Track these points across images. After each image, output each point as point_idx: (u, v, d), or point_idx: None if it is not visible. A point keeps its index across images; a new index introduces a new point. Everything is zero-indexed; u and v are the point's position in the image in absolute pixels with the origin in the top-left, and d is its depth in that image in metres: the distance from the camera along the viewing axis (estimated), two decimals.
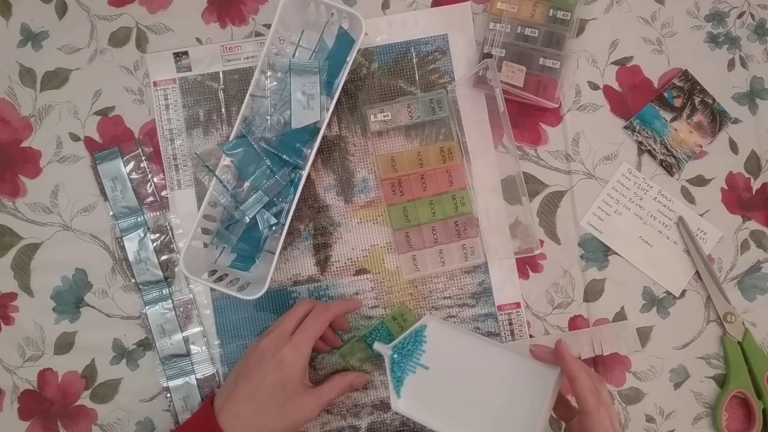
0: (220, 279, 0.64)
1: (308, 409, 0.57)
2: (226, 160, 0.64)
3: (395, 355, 0.60)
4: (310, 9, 0.66)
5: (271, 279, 0.61)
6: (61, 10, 0.70)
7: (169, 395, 0.66)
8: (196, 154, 0.68)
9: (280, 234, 0.63)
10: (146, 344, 0.67)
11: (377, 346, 0.61)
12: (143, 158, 0.68)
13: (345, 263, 0.68)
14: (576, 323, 0.67)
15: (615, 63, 0.70)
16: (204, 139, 0.69)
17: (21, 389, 0.67)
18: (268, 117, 0.64)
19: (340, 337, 0.66)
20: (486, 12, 0.69)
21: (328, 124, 0.66)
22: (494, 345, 0.60)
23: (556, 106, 0.68)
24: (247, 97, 0.64)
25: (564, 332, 0.67)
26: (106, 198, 0.68)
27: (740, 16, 0.70)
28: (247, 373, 0.57)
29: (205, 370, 0.67)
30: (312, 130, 0.64)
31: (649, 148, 0.68)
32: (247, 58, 0.69)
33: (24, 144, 0.69)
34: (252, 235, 0.64)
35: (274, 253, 0.62)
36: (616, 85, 0.69)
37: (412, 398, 0.59)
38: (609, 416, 0.52)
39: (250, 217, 0.63)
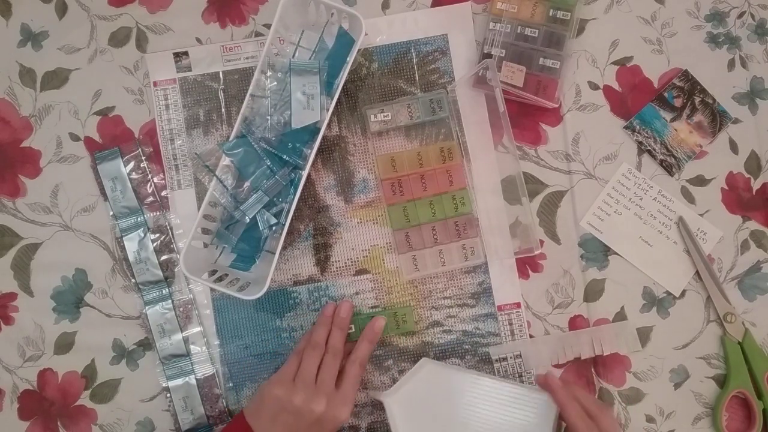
0: (220, 279, 0.63)
1: None
2: (226, 160, 0.64)
3: (395, 405, 0.59)
4: (310, 9, 0.66)
5: (271, 279, 0.61)
6: (61, 10, 0.70)
7: (169, 395, 0.66)
8: (196, 154, 0.68)
9: (280, 234, 0.63)
10: (146, 344, 0.67)
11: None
12: (143, 158, 0.68)
13: (345, 263, 0.68)
14: (576, 323, 0.67)
15: (615, 63, 0.70)
16: (204, 139, 0.69)
17: (21, 389, 0.67)
18: (268, 117, 0.64)
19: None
20: (486, 12, 0.69)
21: (328, 124, 0.66)
22: (489, 378, 0.60)
23: (556, 106, 0.68)
24: (247, 97, 0.64)
25: (564, 332, 0.67)
26: (106, 198, 0.68)
27: (740, 16, 0.70)
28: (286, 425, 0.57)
29: (205, 370, 0.67)
30: (312, 130, 0.64)
31: (649, 148, 0.68)
32: (247, 58, 0.69)
33: (24, 144, 0.69)
34: (252, 235, 0.64)
35: (274, 253, 0.62)
36: (616, 85, 0.69)
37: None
38: (603, 430, 0.56)
39: (250, 217, 0.63)
